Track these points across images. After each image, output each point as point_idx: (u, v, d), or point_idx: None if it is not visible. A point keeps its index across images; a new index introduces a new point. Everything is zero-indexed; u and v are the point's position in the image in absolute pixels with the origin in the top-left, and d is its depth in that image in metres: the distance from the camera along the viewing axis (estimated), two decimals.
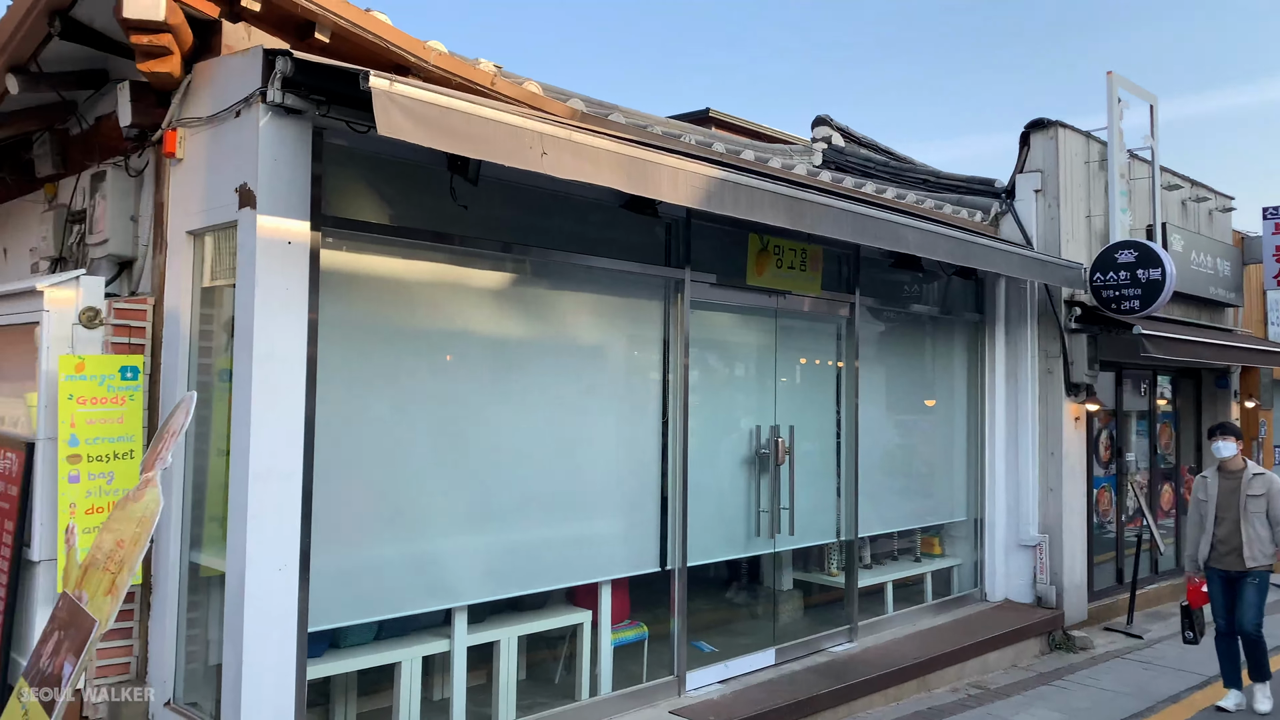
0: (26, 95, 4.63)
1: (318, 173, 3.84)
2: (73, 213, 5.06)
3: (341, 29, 4.16)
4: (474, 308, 4.60)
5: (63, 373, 3.95)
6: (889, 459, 6.97)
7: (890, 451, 7.00)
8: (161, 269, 4.33)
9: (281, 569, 3.68)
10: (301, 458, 3.76)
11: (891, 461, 6.99)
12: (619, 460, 5.15)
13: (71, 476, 3.94)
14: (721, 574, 6.66)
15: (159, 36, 3.89)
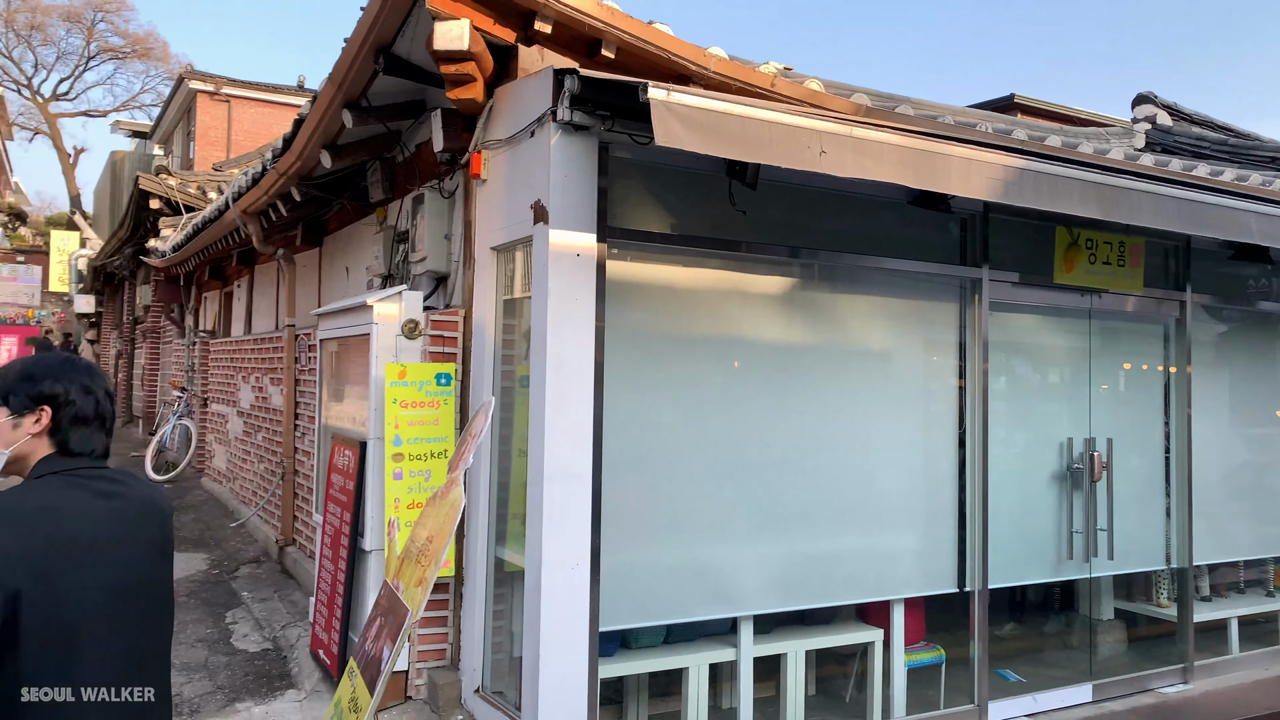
0: (359, 128, 5.17)
1: (603, 186, 3.96)
2: (398, 233, 5.60)
3: (626, 44, 4.28)
4: (756, 313, 4.55)
5: (388, 379, 4.36)
6: (1231, 477, 6.09)
7: (1233, 469, 6.12)
8: (470, 283, 4.66)
9: (574, 567, 3.82)
10: (591, 461, 3.88)
11: (1234, 480, 6.11)
12: (911, 472, 4.88)
13: (396, 474, 4.34)
14: (1028, 598, 6.15)
15: (464, 65, 4.19)
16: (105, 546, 1.91)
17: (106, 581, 1.90)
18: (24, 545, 1.79)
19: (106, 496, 1.96)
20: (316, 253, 7.61)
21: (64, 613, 1.83)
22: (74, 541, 1.86)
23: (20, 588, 1.76)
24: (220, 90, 23.89)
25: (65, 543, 1.85)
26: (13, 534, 1.79)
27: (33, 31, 40.34)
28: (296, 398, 6.96)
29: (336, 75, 4.76)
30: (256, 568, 6.78)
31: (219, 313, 11.83)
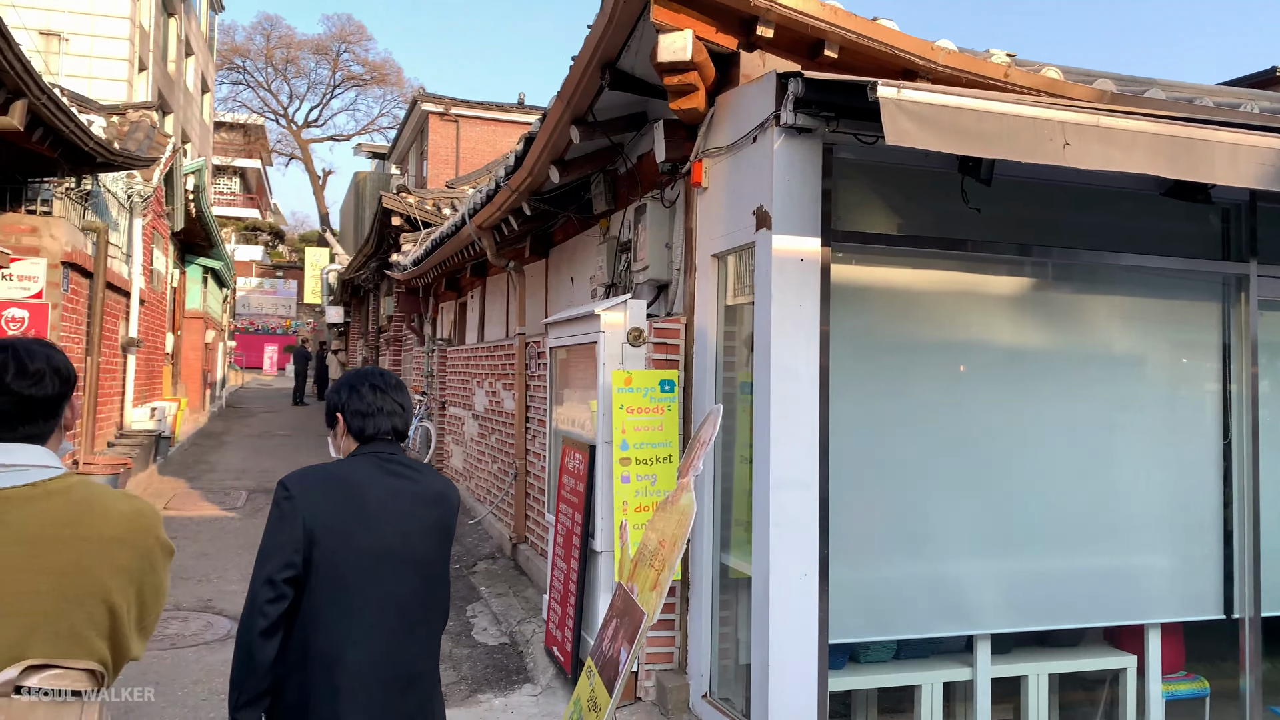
0: (585, 143, 5.35)
1: (827, 189, 3.90)
2: (621, 243, 5.75)
3: (849, 42, 4.19)
4: (989, 316, 4.34)
5: (615, 385, 4.49)
6: None
7: None
8: (691, 290, 4.72)
9: (803, 577, 3.78)
10: (817, 469, 3.83)
11: None
12: (1165, 485, 4.48)
13: (623, 477, 4.45)
14: None
15: (686, 74, 4.24)
16: (386, 517, 2.32)
17: (380, 547, 2.29)
18: (324, 502, 2.27)
19: (396, 476, 2.40)
20: (543, 264, 7.95)
21: (340, 564, 2.25)
22: (361, 508, 2.30)
23: (316, 539, 2.23)
24: (449, 111, 25.45)
25: (355, 507, 2.30)
26: (320, 492, 2.29)
27: (287, 65, 44.65)
28: (527, 402, 7.29)
29: (565, 93, 4.94)
30: (492, 564, 7.15)
31: (454, 322, 12.60)
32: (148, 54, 25.80)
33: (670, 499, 3.15)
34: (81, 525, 1.72)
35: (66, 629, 1.68)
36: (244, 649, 2.19)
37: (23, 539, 1.67)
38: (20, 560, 1.66)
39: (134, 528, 1.78)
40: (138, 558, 1.77)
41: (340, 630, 2.24)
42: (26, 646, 1.63)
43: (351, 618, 2.24)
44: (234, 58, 43.72)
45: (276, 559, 2.20)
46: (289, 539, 2.22)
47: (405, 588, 2.32)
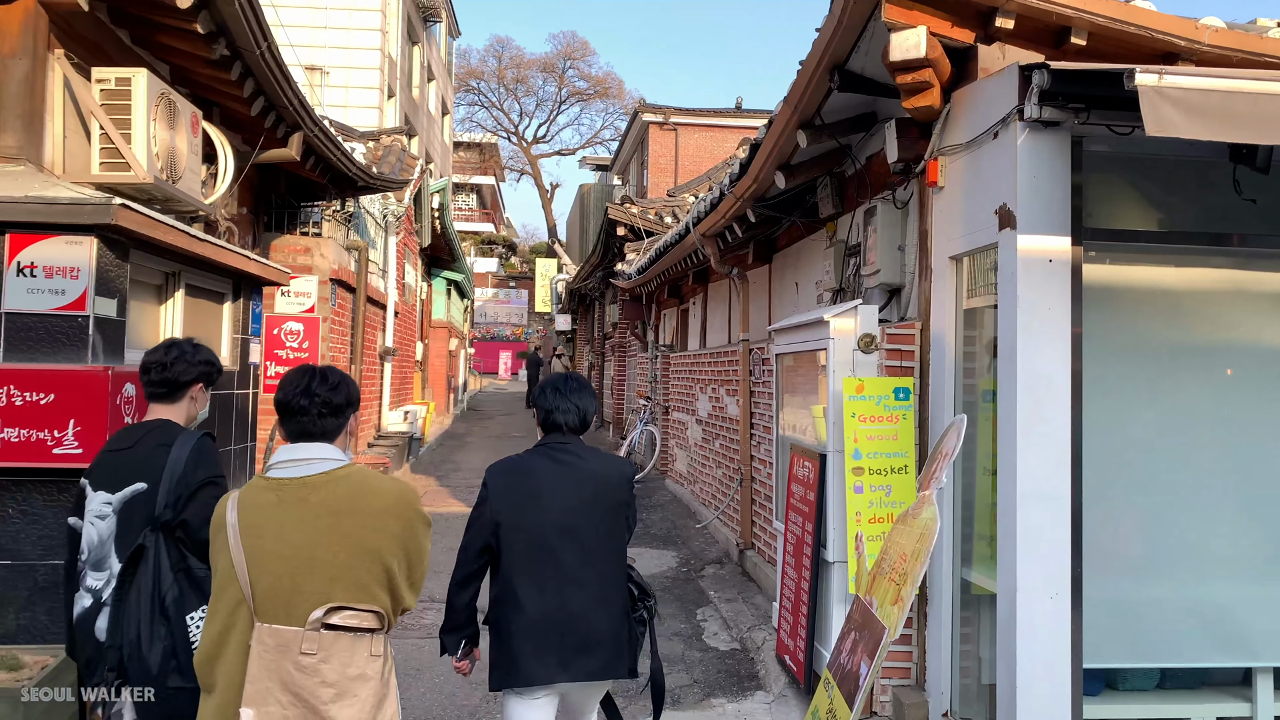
0: (812, 146, 5.30)
1: (1077, 184, 3.66)
2: (849, 247, 5.66)
3: (1099, 28, 3.93)
4: (1264, 317, 3.93)
5: (846, 393, 4.42)
6: None
7: None
8: (926, 294, 4.57)
9: (1053, 597, 3.57)
10: (1069, 481, 3.61)
11: None
12: None
13: (856, 487, 4.38)
14: None
15: (920, 73, 4.12)
16: (553, 499, 3.00)
17: (548, 523, 2.98)
18: (507, 492, 3.01)
19: (562, 464, 3.05)
20: (766, 269, 7.94)
21: (518, 538, 2.98)
22: (534, 493, 3.00)
23: (500, 519, 2.98)
24: (668, 120, 25.93)
25: (530, 493, 3.01)
26: (505, 483, 3.04)
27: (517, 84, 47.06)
28: (751, 408, 7.31)
29: (792, 97, 4.92)
30: (719, 568, 7.23)
31: (676, 328, 12.84)
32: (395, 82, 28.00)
33: (911, 512, 3.07)
34: (361, 502, 2.27)
35: (357, 581, 2.22)
36: (449, 596, 3.05)
37: (323, 514, 2.23)
38: (323, 530, 2.22)
39: (399, 503, 2.34)
40: (403, 527, 2.32)
41: (521, 588, 2.96)
42: (330, 594, 2.19)
43: (529, 579, 2.96)
44: (470, 80, 46.63)
45: (473, 537, 3.01)
46: (482, 523, 3.00)
47: (569, 555, 2.98)
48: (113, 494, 2.69)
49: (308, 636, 2.15)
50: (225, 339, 5.92)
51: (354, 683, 2.19)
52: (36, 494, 4.09)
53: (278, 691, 2.14)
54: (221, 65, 5.47)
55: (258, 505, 2.24)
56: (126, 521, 2.66)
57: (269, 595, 2.18)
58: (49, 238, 4.06)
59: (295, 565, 2.19)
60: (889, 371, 4.59)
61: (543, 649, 2.94)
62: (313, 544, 2.20)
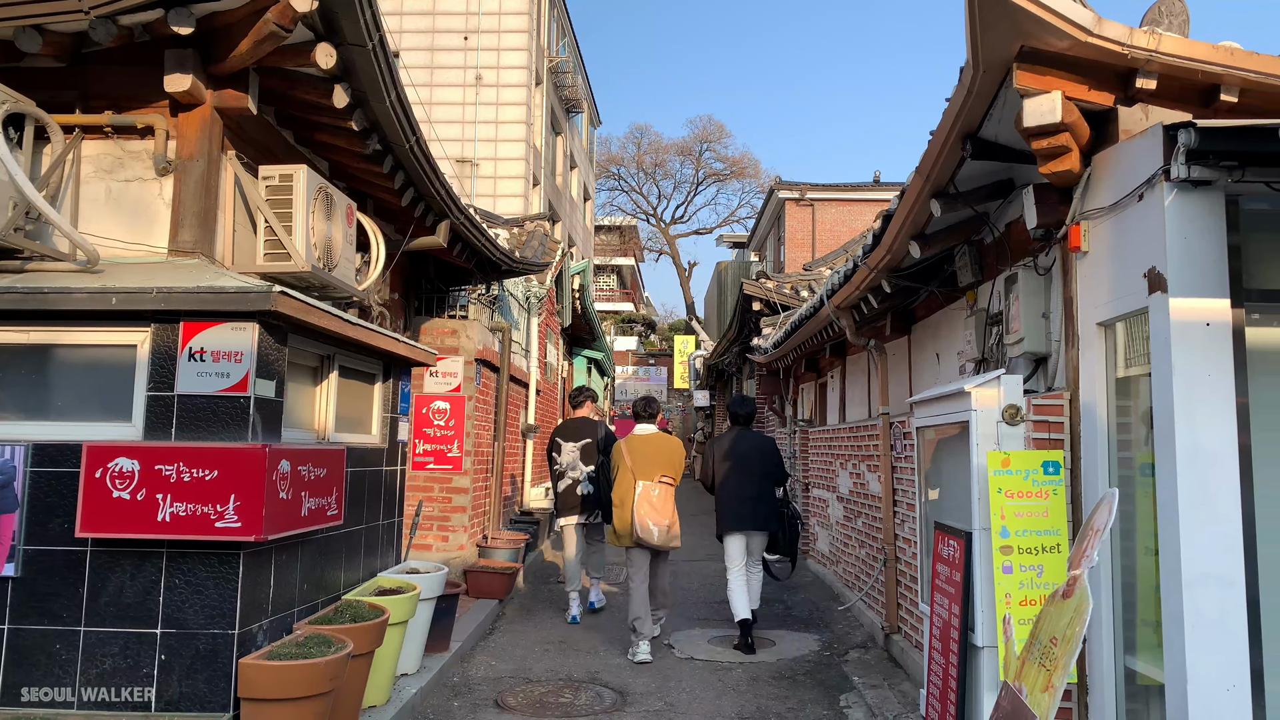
0: (946, 215, 5.22)
1: (1234, 244, 3.47)
2: (990, 315, 5.49)
3: (1252, 84, 3.75)
4: None
5: (991, 467, 4.24)
6: None
7: None
8: (1074, 362, 4.37)
9: (1230, 689, 3.28)
10: (1243, 563, 3.33)
11: None
12: None
13: (1005, 567, 4.16)
14: None
15: (1057, 137, 4.02)
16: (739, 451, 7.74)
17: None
18: (717, 444, 8.07)
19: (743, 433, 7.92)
20: (905, 340, 7.77)
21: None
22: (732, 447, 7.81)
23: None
24: (804, 196, 26.00)
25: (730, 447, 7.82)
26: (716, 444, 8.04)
27: (656, 168, 48.25)
28: (894, 484, 7.09)
29: (924, 167, 4.88)
30: (864, 653, 6.95)
31: (814, 402, 12.65)
32: (539, 170, 29.25)
33: (1061, 592, 2.90)
34: (666, 442, 7.43)
35: (669, 467, 7.29)
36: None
37: (656, 446, 7.33)
38: (658, 449, 7.32)
39: (678, 448, 7.46)
40: (680, 454, 7.42)
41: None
42: (662, 471, 7.25)
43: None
44: (610, 166, 48.17)
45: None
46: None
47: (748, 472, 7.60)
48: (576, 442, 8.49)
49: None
50: (375, 418, 6.20)
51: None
52: (200, 565, 4.34)
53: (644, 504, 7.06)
54: (374, 159, 5.86)
55: (632, 442, 7.35)
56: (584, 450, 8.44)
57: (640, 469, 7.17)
58: (217, 325, 4.38)
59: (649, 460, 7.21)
60: (1036, 444, 4.38)
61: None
62: (658, 453, 7.28)
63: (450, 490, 8.48)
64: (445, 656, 6.32)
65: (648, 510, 7.00)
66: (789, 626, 8.03)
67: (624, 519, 7.08)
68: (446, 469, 8.42)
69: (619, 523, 7.15)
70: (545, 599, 9.06)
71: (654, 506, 7.03)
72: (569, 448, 8.49)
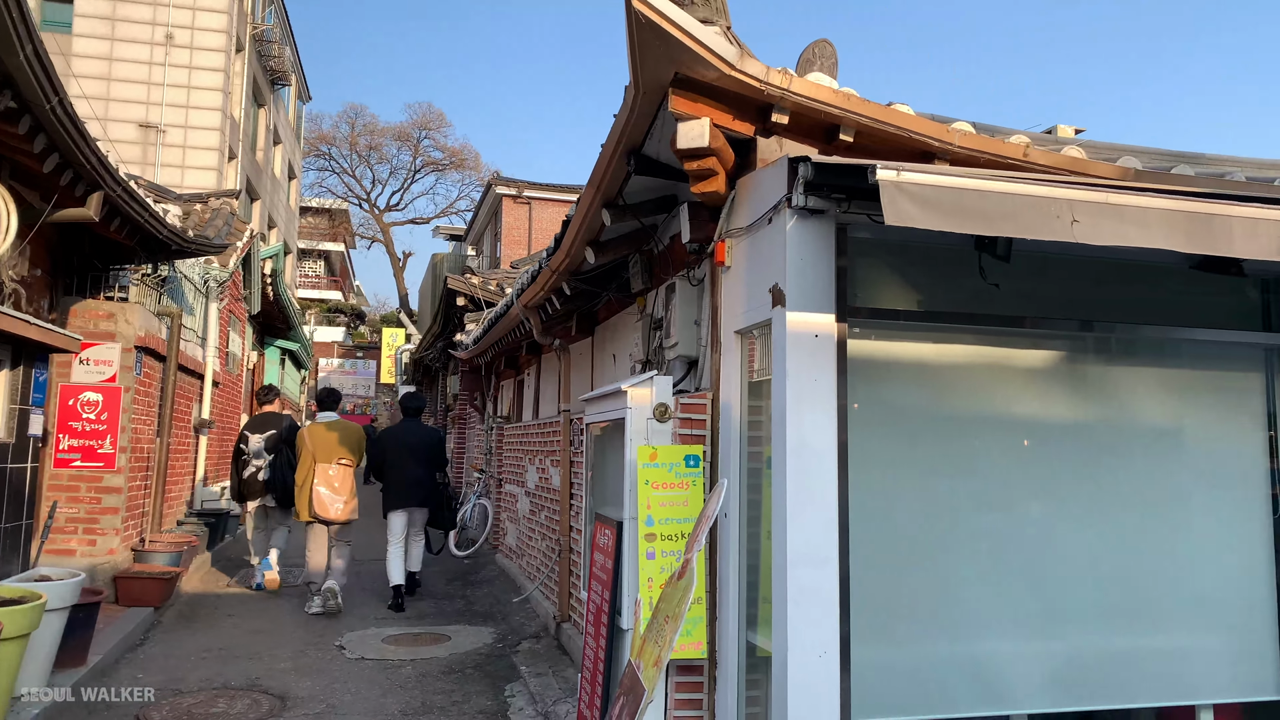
0: (618, 225, 5.51)
1: (841, 266, 3.95)
2: (654, 320, 5.86)
3: (864, 127, 4.28)
4: (1014, 391, 4.30)
5: (640, 461, 4.54)
6: None
7: None
8: (716, 366, 4.78)
9: (822, 655, 3.73)
10: (837, 545, 3.81)
11: None
12: (1212, 561, 4.34)
13: (648, 553, 4.48)
14: None
15: (705, 160, 4.37)
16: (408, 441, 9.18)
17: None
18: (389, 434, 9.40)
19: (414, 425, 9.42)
20: (589, 342, 8.10)
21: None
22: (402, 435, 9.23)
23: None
24: (522, 193, 26.24)
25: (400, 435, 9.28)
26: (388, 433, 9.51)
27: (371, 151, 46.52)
28: (571, 478, 7.37)
29: (595, 178, 5.12)
30: (536, 643, 7.16)
31: (513, 400, 12.82)
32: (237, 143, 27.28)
33: (677, 574, 3.17)
34: (346, 428, 8.58)
35: (348, 450, 8.54)
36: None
37: (337, 431, 8.52)
38: (338, 434, 8.50)
39: (357, 432, 8.76)
40: (359, 438, 8.66)
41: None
42: (340, 455, 8.48)
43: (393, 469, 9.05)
44: (320, 145, 45.85)
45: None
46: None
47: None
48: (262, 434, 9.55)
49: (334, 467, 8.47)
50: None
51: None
52: None
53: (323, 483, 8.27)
54: (8, 118, 5.25)
55: (314, 428, 8.68)
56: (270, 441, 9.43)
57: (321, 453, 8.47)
58: None
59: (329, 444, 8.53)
60: (682, 440, 4.75)
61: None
62: (339, 440, 8.53)
63: (100, 490, 7.71)
64: (80, 672, 5.76)
65: (326, 488, 8.28)
66: (468, 621, 8.10)
67: (304, 497, 8.31)
68: (96, 466, 7.65)
69: (299, 501, 8.36)
70: (211, 605, 8.51)
71: (331, 485, 8.30)
72: (255, 439, 9.62)
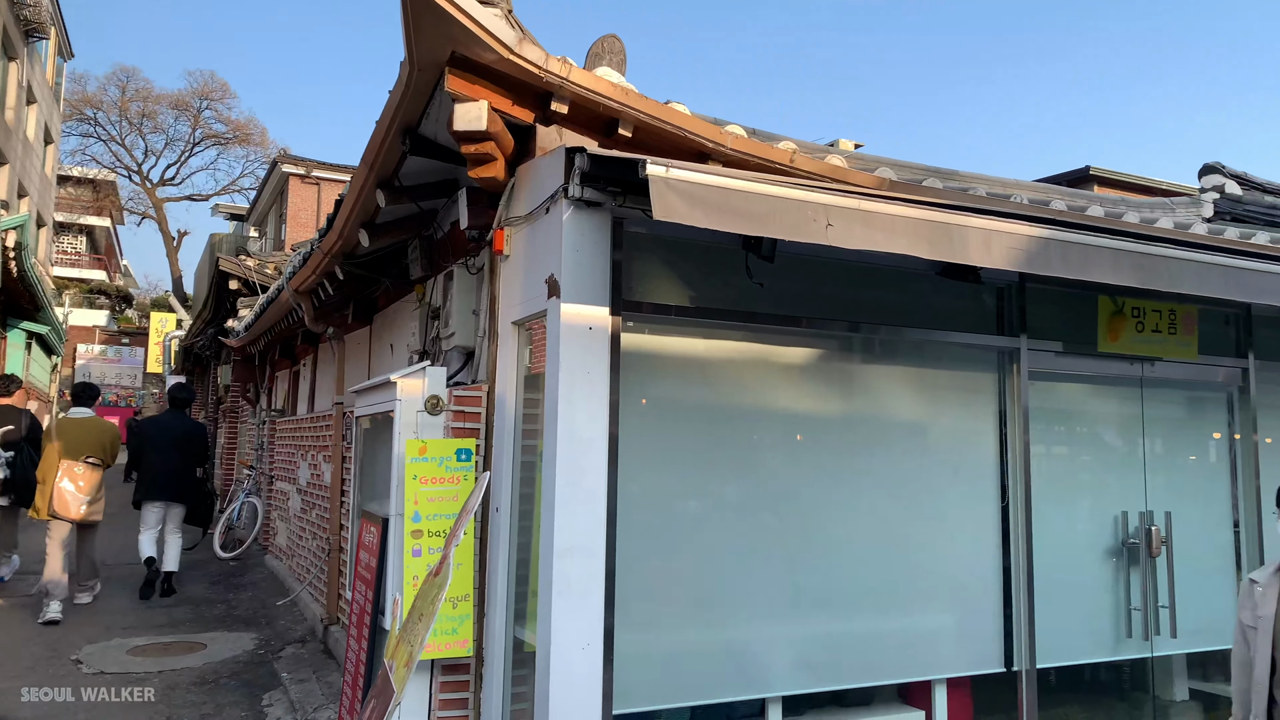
0: (394, 207, 5.30)
1: (617, 259, 3.97)
2: (433, 310, 5.69)
3: (642, 123, 4.32)
4: (780, 386, 4.47)
5: (409, 455, 4.38)
6: None
7: None
8: (493, 357, 4.69)
9: (585, 647, 3.73)
10: (604, 536, 3.82)
11: None
12: (949, 547, 4.68)
13: (415, 550, 4.32)
14: (1089, 677, 5.78)
15: (483, 144, 4.27)
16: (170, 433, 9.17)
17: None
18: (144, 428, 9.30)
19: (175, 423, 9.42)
20: (367, 330, 7.78)
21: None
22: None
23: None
24: (310, 173, 24.93)
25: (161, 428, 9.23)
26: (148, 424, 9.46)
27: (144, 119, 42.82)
28: (343, 474, 7.05)
29: (368, 156, 4.90)
30: (301, 648, 6.80)
31: (288, 392, 12.16)
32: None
33: (434, 570, 3.07)
34: (97, 425, 8.25)
35: (98, 449, 8.17)
36: None
37: (88, 429, 8.18)
38: (89, 431, 8.17)
39: (110, 430, 8.37)
40: (112, 437, 8.18)
41: None
42: (89, 452, 8.08)
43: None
44: (84, 109, 41.78)
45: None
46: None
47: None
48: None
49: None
50: None
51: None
52: None
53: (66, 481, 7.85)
54: None
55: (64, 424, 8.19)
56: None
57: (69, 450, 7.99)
58: None
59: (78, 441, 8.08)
60: (455, 433, 4.62)
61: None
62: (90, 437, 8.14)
63: None
64: None
65: (71, 485, 7.92)
66: (227, 627, 7.59)
67: (45, 494, 7.92)
68: None
69: (40, 497, 7.94)
70: None
71: (77, 483, 8.01)
72: None
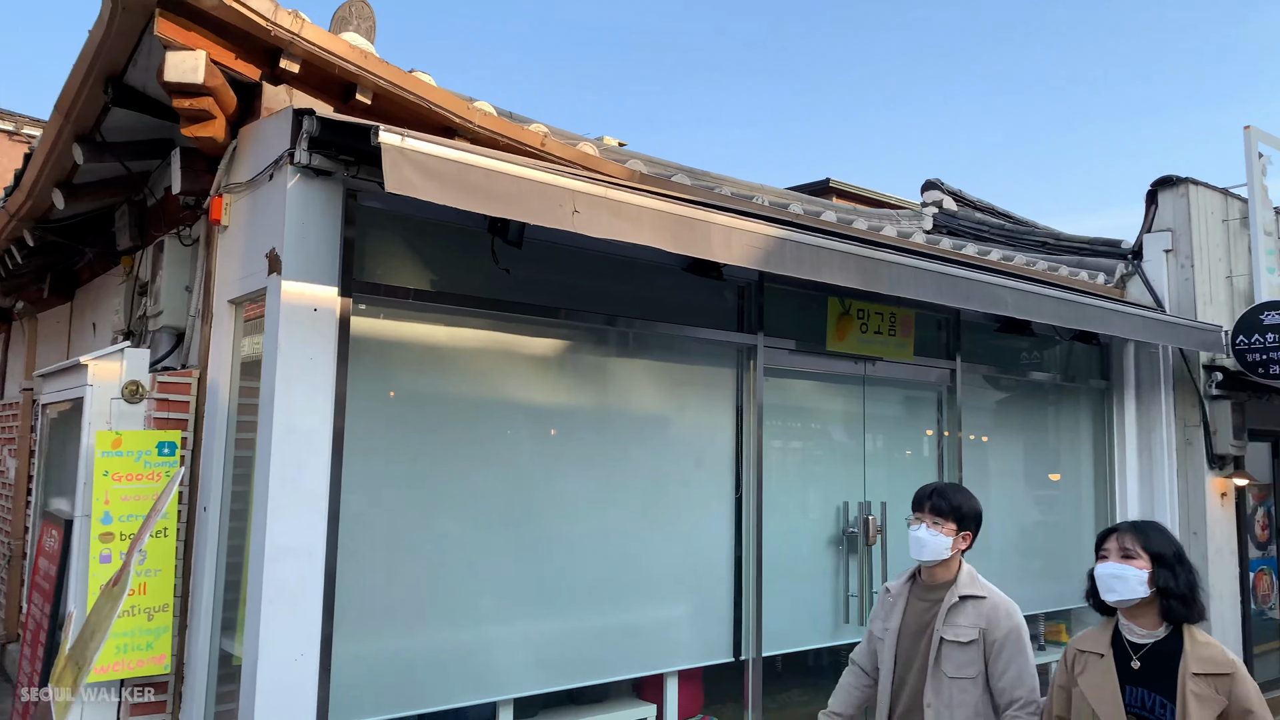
0: (97, 166, 4.68)
1: (349, 236, 3.67)
2: (141, 284, 5.07)
3: (383, 90, 4.04)
4: (524, 378, 4.32)
5: (100, 448, 3.84)
6: (1003, 539, 6.28)
7: (1004, 531, 6.32)
8: (206, 339, 4.23)
9: (299, 658, 3.40)
10: (325, 538, 3.51)
11: (1006, 542, 6.30)
12: (687, 539, 4.73)
13: (103, 556, 3.79)
14: (811, 663, 6.08)
15: (200, 100, 3.82)
16: None
17: None
18: None
19: None
20: (68, 308, 6.88)
21: None
22: None
23: None
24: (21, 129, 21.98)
25: None
26: None
27: None
28: (30, 470, 6.18)
29: (63, 104, 4.29)
30: None
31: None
32: None
33: (111, 581, 2.67)
34: None
35: None
36: None
37: None
38: None
39: None
40: None
41: None
42: None
43: None
44: None
45: None
46: None
47: None
48: None
49: None
50: None
51: None
52: None
53: None
54: None
55: None
56: None
57: None
58: None
59: None
60: (159, 424, 4.11)
61: None
62: None
63: None
64: None
65: None
66: None
67: None
68: None
69: None
70: None
71: None
72: None
